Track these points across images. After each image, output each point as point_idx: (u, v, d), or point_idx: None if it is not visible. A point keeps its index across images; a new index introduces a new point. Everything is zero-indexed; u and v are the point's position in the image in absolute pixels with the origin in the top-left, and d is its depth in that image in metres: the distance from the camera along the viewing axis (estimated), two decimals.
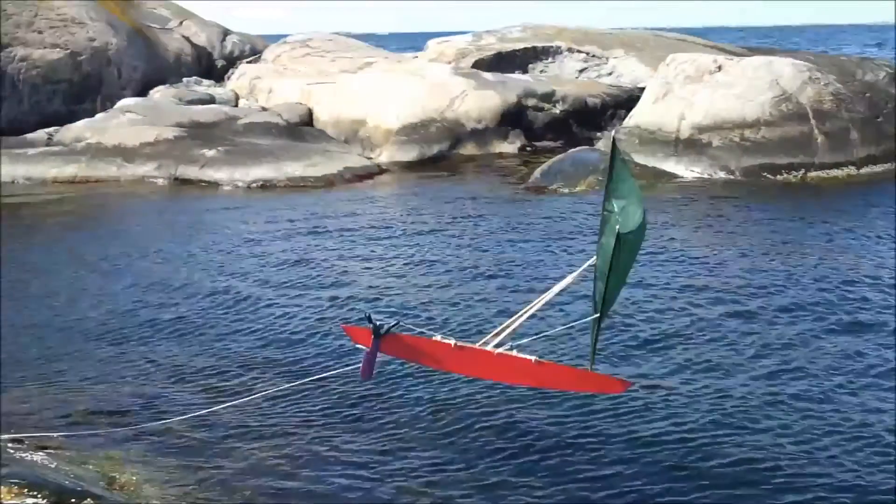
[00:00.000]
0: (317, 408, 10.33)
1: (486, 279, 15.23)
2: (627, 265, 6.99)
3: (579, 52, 35.54)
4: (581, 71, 35.12)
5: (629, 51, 35.50)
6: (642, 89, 28.77)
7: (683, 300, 13.68)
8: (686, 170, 23.54)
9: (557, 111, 29.90)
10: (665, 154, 24.09)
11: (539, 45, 35.69)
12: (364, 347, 7.69)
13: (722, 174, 23.15)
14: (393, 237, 18.55)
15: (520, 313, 7.74)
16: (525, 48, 35.45)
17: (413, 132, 27.73)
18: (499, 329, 7.75)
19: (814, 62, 29.62)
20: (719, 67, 25.81)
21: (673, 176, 23.30)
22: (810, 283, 14.34)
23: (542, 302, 7.81)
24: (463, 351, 7.61)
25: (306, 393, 10.63)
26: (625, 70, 34.66)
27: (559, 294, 7.55)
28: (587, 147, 26.46)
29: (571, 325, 8.75)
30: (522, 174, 24.88)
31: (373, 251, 17.40)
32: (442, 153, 27.48)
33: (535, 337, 7.92)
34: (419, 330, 8.03)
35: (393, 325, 7.73)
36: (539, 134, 29.36)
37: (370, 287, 14.94)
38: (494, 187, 23.51)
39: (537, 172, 23.90)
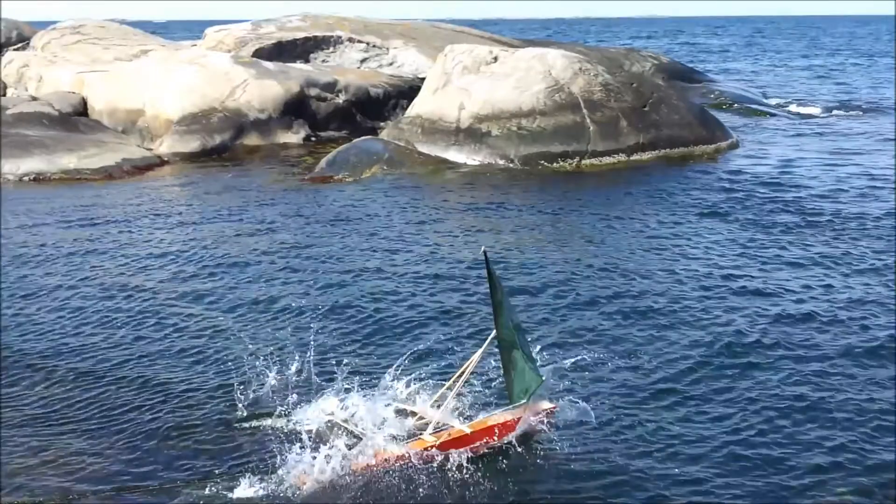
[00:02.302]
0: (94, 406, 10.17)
1: (267, 265, 15.29)
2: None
3: (360, 42, 35.83)
4: (362, 61, 35.42)
5: (408, 41, 36.07)
6: (423, 79, 29.30)
7: (411, 286, 14.21)
8: (467, 158, 24.15)
9: (341, 101, 30.05)
10: (447, 143, 24.62)
11: (320, 34, 35.74)
12: None
13: (502, 162, 23.88)
14: (173, 230, 18.25)
15: (440, 393, 9.07)
16: (306, 37, 35.41)
17: (194, 122, 27.21)
18: (430, 420, 8.92)
19: (584, 54, 31.02)
20: (495, 58, 26.58)
21: (455, 164, 23.87)
22: (565, 265, 15.18)
23: (462, 381, 9.06)
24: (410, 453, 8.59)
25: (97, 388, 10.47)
26: (405, 60, 35.21)
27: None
28: (371, 137, 26.72)
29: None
30: (308, 164, 24.91)
31: (150, 244, 17.07)
32: (225, 144, 27.08)
33: None
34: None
35: None
36: (323, 124, 29.41)
37: (144, 280, 14.72)
38: (279, 178, 23.44)
39: (323, 162, 23.97)
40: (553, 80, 25.15)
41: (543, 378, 9.12)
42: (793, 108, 37.19)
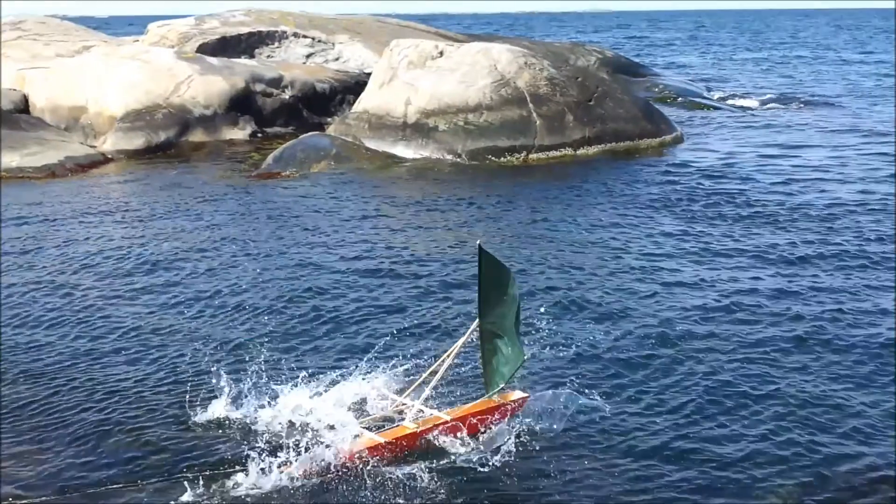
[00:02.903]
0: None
1: (218, 263, 15.17)
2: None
3: (305, 37, 35.63)
4: (308, 56, 35.23)
5: (353, 36, 35.94)
6: (369, 74, 29.22)
7: (374, 279, 14.21)
8: (415, 153, 24.11)
9: (287, 96, 29.85)
10: (394, 138, 24.58)
11: (264, 29, 35.49)
12: None
13: (449, 157, 23.87)
14: (120, 227, 18.02)
15: (419, 384, 9.22)
16: (250, 32, 35.15)
17: (138, 119, 26.86)
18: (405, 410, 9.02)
19: (529, 48, 31.10)
20: (441, 53, 26.57)
21: (403, 159, 23.83)
22: (516, 259, 15.17)
23: (444, 369, 9.08)
24: (393, 441, 8.59)
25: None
26: (351, 55, 35.09)
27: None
28: (318, 132, 26.60)
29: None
30: (254, 161, 24.72)
31: (98, 242, 16.84)
32: (170, 140, 26.74)
33: None
34: None
35: None
36: (269, 120, 29.17)
37: (93, 279, 14.55)
38: (226, 175, 23.23)
39: (270, 158, 23.82)
40: (499, 75, 25.19)
41: (526, 356, 9.22)
42: (737, 101, 37.63)
